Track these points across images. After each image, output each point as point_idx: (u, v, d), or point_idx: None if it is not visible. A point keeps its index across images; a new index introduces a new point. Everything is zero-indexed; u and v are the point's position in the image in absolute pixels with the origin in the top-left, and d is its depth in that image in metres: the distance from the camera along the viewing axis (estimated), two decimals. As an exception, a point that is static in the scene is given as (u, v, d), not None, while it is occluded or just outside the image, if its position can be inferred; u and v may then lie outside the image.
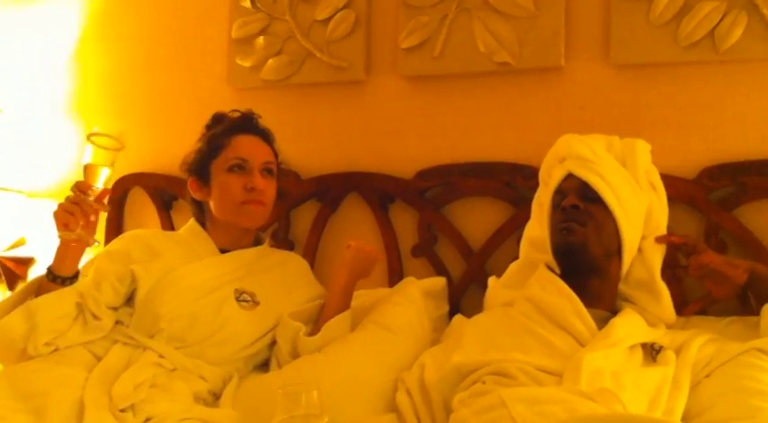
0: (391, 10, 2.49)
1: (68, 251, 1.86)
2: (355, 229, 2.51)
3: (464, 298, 2.34)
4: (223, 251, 2.10)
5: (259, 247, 2.16)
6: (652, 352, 1.76)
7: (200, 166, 2.11)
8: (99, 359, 1.85)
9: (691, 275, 1.93)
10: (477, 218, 2.37)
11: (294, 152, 2.58)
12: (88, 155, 1.83)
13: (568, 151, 1.94)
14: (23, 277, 2.95)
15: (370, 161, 2.50)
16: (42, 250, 2.93)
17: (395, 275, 2.42)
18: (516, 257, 2.13)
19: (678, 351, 1.76)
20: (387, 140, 2.50)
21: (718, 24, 2.12)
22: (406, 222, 2.45)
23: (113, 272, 1.96)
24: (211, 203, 2.10)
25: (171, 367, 1.88)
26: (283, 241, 2.56)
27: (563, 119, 2.29)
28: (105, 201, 1.84)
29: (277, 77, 2.60)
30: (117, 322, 1.94)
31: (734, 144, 2.13)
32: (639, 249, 1.91)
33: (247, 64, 2.64)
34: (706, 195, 2.12)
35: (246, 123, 2.17)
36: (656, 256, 1.91)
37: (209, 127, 2.21)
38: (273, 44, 2.61)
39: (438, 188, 2.40)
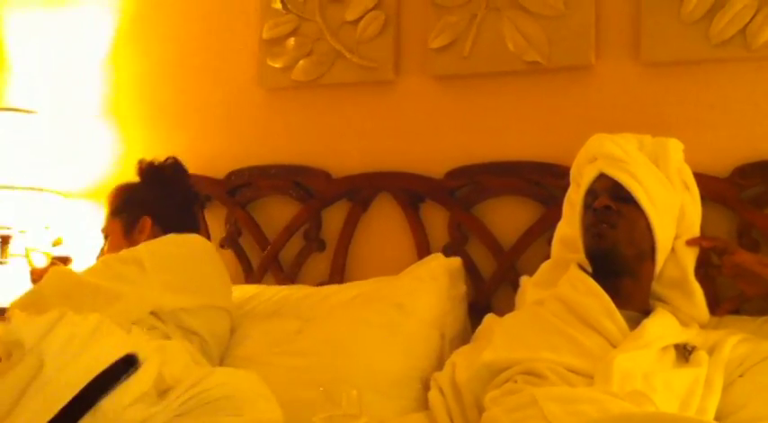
0: (420, 10, 2.49)
1: None
2: (386, 229, 2.52)
3: (495, 297, 2.35)
4: None
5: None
6: (684, 352, 1.75)
7: None
8: None
9: (724, 275, 1.93)
10: (507, 217, 2.37)
11: (325, 152, 2.64)
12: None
13: (600, 151, 1.93)
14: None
15: (400, 161, 2.50)
16: (78, 249, 2.98)
17: (426, 275, 2.42)
18: (547, 257, 2.12)
19: (711, 351, 1.76)
20: (416, 140, 2.51)
21: (750, 22, 2.11)
22: (436, 222, 2.45)
23: None
24: None
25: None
26: (314, 241, 2.58)
27: (593, 117, 2.29)
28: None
29: (307, 78, 2.62)
30: None
31: (766, 142, 2.12)
32: (673, 249, 1.90)
33: (278, 65, 2.66)
34: (738, 194, 2.11)
35: None
36: (690, 255, 1.90)
37: None
38: (304, 45, 2.63)
39: (468, 187, 2.41)
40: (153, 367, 1.64)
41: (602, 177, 1.89)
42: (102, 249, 2.33)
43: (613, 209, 1.83)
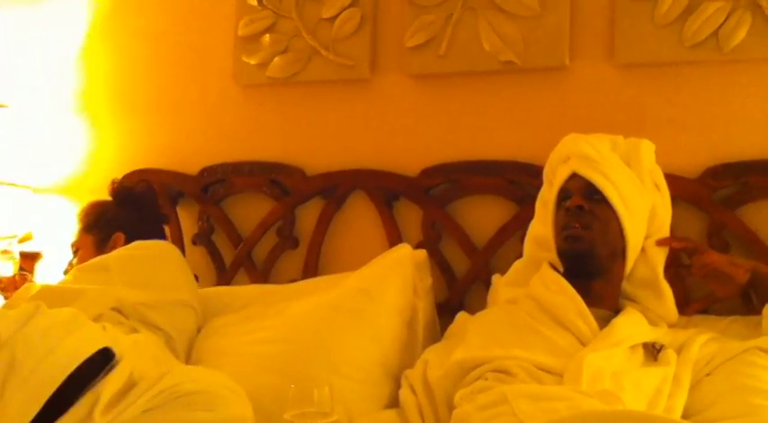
0: (397, 8, 2.50)
1: None
2: (360, 227, 2.52)
3: (468, 295, 2.35)
4: None
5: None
6: (653, 351, 1.77)
7: None
8: None
9: (694, 275, 1.95)
10: (481, 215, 2.38)
11: (300, 149, 2.63)
12: None
13: (573, 150, 1.94)
14: (30, 271, 2.98)
15: (376, 159, 2.50)
16: (48, 245, 2.95)
17: (399, 272, 2.43)
18: (520, 255, 2.14)
19: (679, 350, 1.77)
20: (392, 138, 2.51)
21: (722, 24, 2.13)
22: (410, 220, 2.46)
23: None
24: None
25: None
26: (288, 238, 2.57)
27: (568, 118, 2.30)
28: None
29: (283, 75, 2.61)
30: None
31: (738, 144, 2.14)
32: (643, 249, 1.91)
33: (253, 61, 2.65)
34: (709, 195, 2.13)
35: None
36: (660, 255, 1.92)
37: None
38: (279, 42, 2.62)
39: (442, 186, 2.42)
40: (129, 363, 1.63)
41: (575, 177, 1.90)
42: (71, 263, 2.36)
43: (586, 209, 1.84)
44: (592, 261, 1.85)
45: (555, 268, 1.94)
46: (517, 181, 2.32)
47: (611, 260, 1.87)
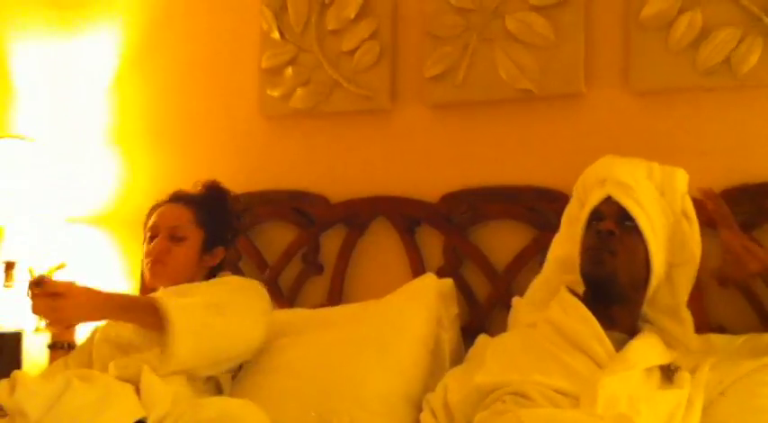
0: (415, 40, 2.56)
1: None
2: (383, 252, 2.57)
3: (489, 319, 2.39)
4: None
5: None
6: (669, 373, 1.80)
7: None
8: None
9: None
10: (501, 241, 2.42)
11: (323, 178, 2.70)
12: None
13: (610, 174, 1.96)
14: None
15: (397, 186, 2.56)
16: (81, 275, 3.03)
17: (421, 298, 2.47)
18: (541, 278, 2.19)
19: (693, 371, 1.80)
20: (413, 166, 2.57)
21: (734, 49, 2.16)
22: (432, 245, 2.50)
23: None
24: None
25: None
26: (312, 264, 2.63)
27: (585, 144, 2.34)
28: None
29: (305, 106, 2.68)
30: None
31: (754, 167, 2.16)
32: (670, 277, 1.94)
33: (276, 93, 2.73)
34: (728, 218, 2.16)
35: (171, 195, 2.41)
36: (685, 285, 1.94)
37: None
38: (302, 74, 2.69)
39: (462, 212, 2.46)
40: None
41: (608, 201, 1.91)
42: (161, 247, 2.29)
43: (616, 235, 1.86)
44: (612, 287, 1.87)
45: (573, 291, 1.98)
46: (536, 207, 2.36)
47: (633, 288, 1.89)
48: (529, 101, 2.42)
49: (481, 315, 2.40)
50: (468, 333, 2.33)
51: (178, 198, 2.38)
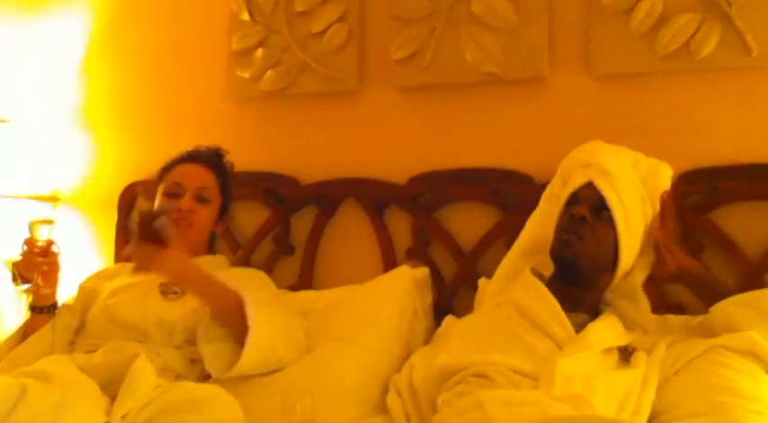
0: (382, 23, 2.59)
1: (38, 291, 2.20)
2: (352, 233, 2.62)
3: (456, 298, 2.45)
4: None
5: (201, 258, 2.26)
6: (626, 354, 1.86)
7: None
8: None
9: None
10: (467, 222, 2.48)
11: (293, 159, 2.73)
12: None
13: (595, 159, 1.98)
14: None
15: (366, 167, 2.61)
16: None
17: (390, 277, 2.53)
18: (505, 257, 2.25)
19: (649, 351, 1.87)
20: (381, 148, 2.62)
21: (693, 35, 2.22)
22: (400, 226, 2.56)
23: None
24: None
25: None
26: (284, 245, 2.67)
27: (548, 127, 2.40)
28: (50, 253, 2.16)
29: (275, 88, 2.71)
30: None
31: (709, 150, 2.23)
32: None
33: (246, 75, 2.75)
34: (682, 199, 2.21)
35: (192, 154, 2.39)
36: (641, 271, 1.98)
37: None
38: (271, 56, 2.72)
39: (429, 194, 2.51)
40: None
41: (589, 186, 1.94)
42: (191, 206, 2.27)
43: (588, 221, 1.90)
44: (573, 271, 1.92)
45: (538, 273, 2.03)
46: (500, 189, 2.41)
47: (596, 274, 1.94)
48: (494, 84, 2.46)
49: (448, 295, 2.46)
50: (436, 313, 2.40)
51: (202, 158, 2.37)
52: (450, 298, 2.46)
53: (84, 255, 3.02)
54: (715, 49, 2.21)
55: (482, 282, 2.31)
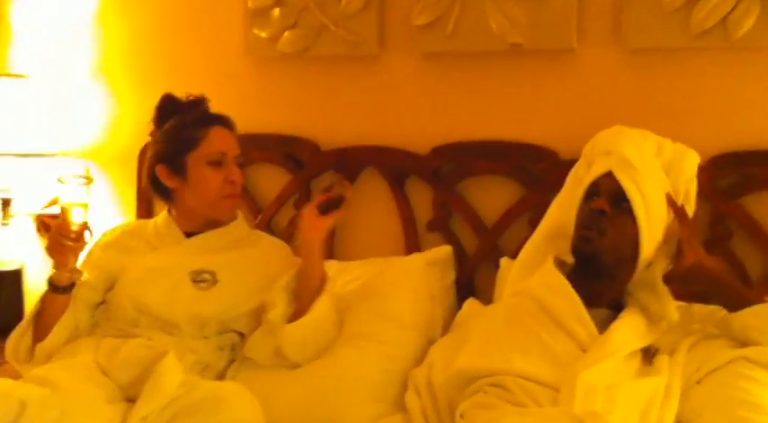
0: (403, -14, 2.48)
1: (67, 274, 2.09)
2: (373, 202, 2.58)
3: (477, 273, 2.44)
4: (190, 234, 2.23)
5: (225, 228, 2.26)
6: (648, 355, 1.84)
7: (174, 155, 2.20)
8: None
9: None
10: (490, 196, 2.43)
11: (313, 123, 2.68)
12: (62, 197, 2.08)
13: (616, 147, 1.91)
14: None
15: (386, 135, 2.55)
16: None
17: (411, 248, 2.51)
18: (527, 238, 2.21)
19: (672, 353, 1.84)
20: (402, 116, 2.55)
21: (730, 12, 2.11)
22: (421, 197, 2.52)
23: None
24: (184, 192, 2.21)
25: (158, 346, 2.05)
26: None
27: (574, 101, 2.32)
28: (85, 238, 2.03)
29: (293, 49, 2.63)
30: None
31: (742, 133, 2.15)
32: None
33: (264, 34, 2.67)
34: (713, 183, 2.16)
35: (218, 116, 2.27)
36: (663, 261, 1.92)
37: (162, 111, 2.33)
38: (289, 16, 2.62)
39: (452, 166, 2.46)
40: None
41: (609, 175, 1.88)
42: (241, 179, 2.24)
43: (608, 215, 1.85)
44: (597, 265, 1.88)
45: (562, 262, 2.00)
46: (524, 165, 2.36)
47: (618, 266, 1.89)
48: (520, 55, 2.37)
49: (469, 269, 2.44)
50: (457, 286, 2.40)
51: (229, 123, 2.28)
52: (471, 273, 2.44)
53: (105, 211, 3.02)
54: (753, 28, 2.10)
55: (504, 262, 2.30)
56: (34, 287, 3.00)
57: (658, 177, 1.89)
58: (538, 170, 2.33)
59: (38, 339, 2.11)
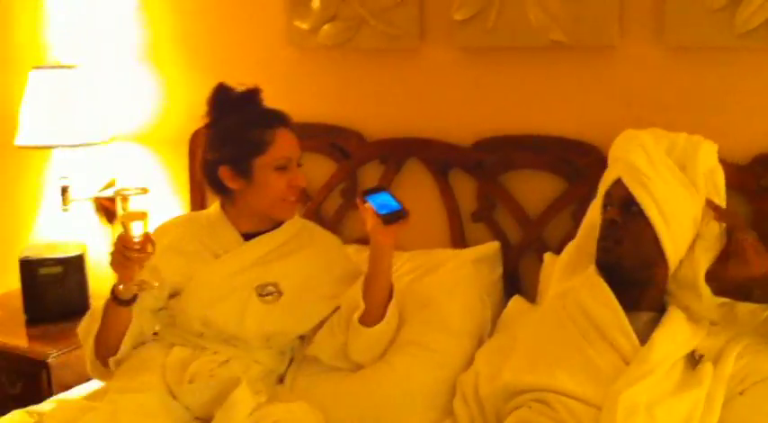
0: (442, -20, 2.46)
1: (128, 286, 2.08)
2: (417, 192, 2.61)
3: (521, 264, 2.49)
4: (247, 235, 2.25)
5: (283, 227, 2.27)
6: (692, 360, 1.88)
7: (240, 158, 2.17)
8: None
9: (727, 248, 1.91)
10: (533, 189, 2.46)
11: (356, 113, 2.72)
12: (121, 210, 2.04)
13: (623, 154, 1.95)
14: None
15: (429, 127, 2.57)
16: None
17: (456, 239, 2.57)
18: (571, 230, 2.26)
19: (716, 358, 1.87)
20: (444, 108, 2.57)
21: (775, 12, 2.07)
22: (465, 188, 2.56)
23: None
24: (246, 193, 2.20)
25: (224, 359, 2.15)
26: (352, 199, 2.70)
27: (616, 97, 2.31)
28: (148, 248, 2.01)
29: (334, 42, 2.65)
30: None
31: (787, 132, 2.14)
32: (692, 248, 1.94)
33: (305, 26, 2.68)
34: (756, 182, 2.16)
35: (282, 116, 2.24)
36: (704, 258, 1.93)
37: (216, 102, 2.29)
38: (328, 8, 2.63)
39: (495, 158, 2.48)
40: None
41: (619, 182, 1.93)
42: (304, 183, 2.25)
43: (619, 223, 1.90)
44: (621, 273, 1.92)
45: None
46: (567, 158, 2.38)
47: (647, 267, 1.92)
48: (561, 50, 2.35)
49: (513, 259, 2.49)
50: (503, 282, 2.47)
51: (290, 122, 2.26)
52: (515, 262, 2.49)
53: (159, 195, 3.11)
54: (797, 29, 2.06)
55: (548, 257, 2.34)
56: (97, 269, 3.15)
57: (673, 175, 1.91)
58: (581, 164, 2.34)
59: (104, 349, 2.19)
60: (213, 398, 2.00)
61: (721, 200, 1.97)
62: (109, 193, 3.20)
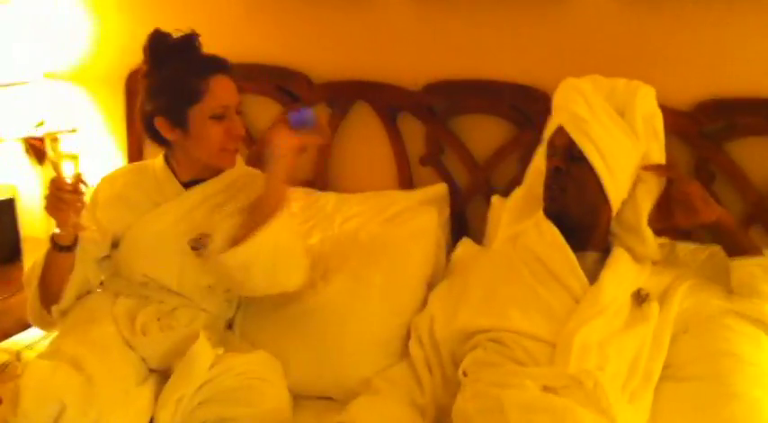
0: None
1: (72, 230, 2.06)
2: (366, 136, 2.63)
3: (469, 208, 2.53)
4: (188, 184, 2.22)
5: (222, 175, 2.22)
6: (638, 299, 1.95)
7: (175, 108, 2.11)
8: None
9: (671, 198, 2.00)
10: (482, 134, 2.48)
11: (304, 55, 2.68)
12: (51, 152, 2.03)
13: (564, 102, 2.00)
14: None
15: (378, 71, 2.56)
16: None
17: (405, 182, 2.60)
18: (518, 174, 2.30)
19: (662, 297, 1.95)
20: (394, 52, 2.55)
21: (727, -39, 2.11)
22: (413, 132, 2.57)
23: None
24: (184, 143, 2.15)
25: (170, 308, 2.15)
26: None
27: (568, 46, 2.33)
28: (81, 189, 1.98)
29: (282, -19, 2.60)
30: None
31: (730, 81, 2.19)
32: (632, 193, 2.01)
33: (252, -36, 2.63)
34: (698, 129, 2.23)
35: (219, 63, 2.15)
36: (646, 202, 2.01)
37: (153, 50, 2.18)
38: (276, -55, 2.57)
39: (444, 103, 2.49)
40: None
41: (561, 131, 1.98)
42: (243, 132, 2.18)
43: (563, 171, 1.95)
44: (568, 219, 1.99)
45: None
46: (516, 105, 2.40)
47: (591, 213, 1.99)
48: (514, -4, 2.36)
49: (461, 202, 2.53)
50: (450, 219, 2.50)
51: (227, 68, 2.16)
52: (463, 205, 2.53)
53: (94, 135, 3.03)
54: (748, -24, 2.11)
55: (495, 199, 2.38)
56: (29, 213, 3.06)
57: (613, 121, 1.96)
58: (530, 111, 2.37)
59: (47, 297, 2.16)
60: (171, 349, 1.99)
61: (660, 145, 2.03)
62: (39, 133, 3.09)
